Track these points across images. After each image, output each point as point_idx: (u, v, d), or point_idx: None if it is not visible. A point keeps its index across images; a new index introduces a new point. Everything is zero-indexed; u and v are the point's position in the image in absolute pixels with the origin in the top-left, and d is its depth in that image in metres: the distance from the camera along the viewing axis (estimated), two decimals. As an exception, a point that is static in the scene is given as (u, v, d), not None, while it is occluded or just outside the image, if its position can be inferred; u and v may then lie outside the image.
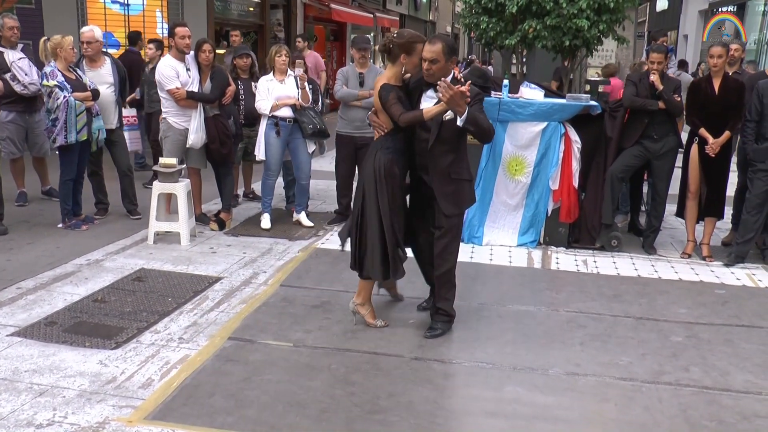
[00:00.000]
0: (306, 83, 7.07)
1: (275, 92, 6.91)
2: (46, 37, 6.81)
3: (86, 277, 5.56)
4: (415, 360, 4.32)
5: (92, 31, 7.18)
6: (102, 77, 7.12)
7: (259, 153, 7.08)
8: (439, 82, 4.13)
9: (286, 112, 6.94)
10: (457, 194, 4.51)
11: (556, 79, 13.73)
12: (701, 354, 4.56)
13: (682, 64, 14.42)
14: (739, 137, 6.84)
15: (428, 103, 4.41)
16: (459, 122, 4.19)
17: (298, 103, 6.93)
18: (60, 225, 6.88)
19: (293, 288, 5.50)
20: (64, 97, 6.50)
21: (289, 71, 7.05)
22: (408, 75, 4.59)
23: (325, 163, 9.83)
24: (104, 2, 12.05)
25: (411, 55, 4.42)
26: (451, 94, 4.07)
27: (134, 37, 10.20)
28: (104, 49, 7.63)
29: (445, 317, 4.72)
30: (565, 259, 6.53)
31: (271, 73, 7.01)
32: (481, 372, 4.23)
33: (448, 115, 4.26)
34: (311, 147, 7.18)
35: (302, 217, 7.35)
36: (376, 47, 21.69)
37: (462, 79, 4.40)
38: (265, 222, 7.12)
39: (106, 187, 7.50)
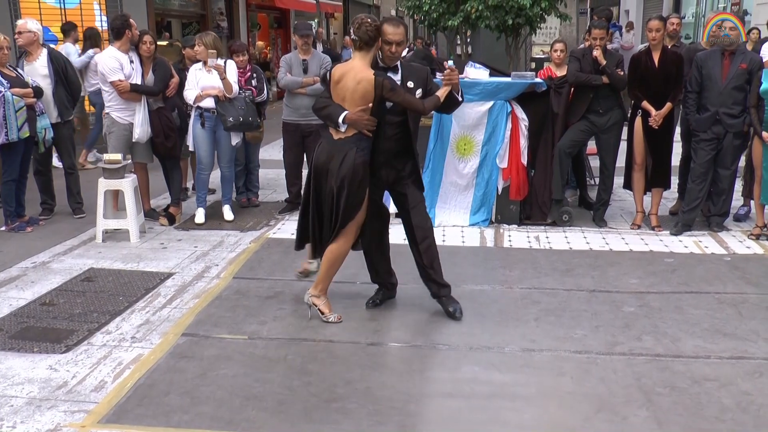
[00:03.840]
0: (226, 73, 6.68)
1: (201, 82, 6.73)
2: None
3: (32, 280, 5.41)
4: (371, 345, 4.31)
5: (25, 22, 6.97)
6: (36, 70, 6.89)
7: (191, 144, 6.97)
8: (444, 72, 4.47)
9: (209, 103, 6.74)
10: (418, 169, 4.74)
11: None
12: (653, 322, 4.64)
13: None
14: (681, 108, 6.97)
15: None
16: (459, 97, 4.57)
17: (220, 93, 6.72)
18: (2, 228, 6.67)
19: (246, 280, 5.44)
20: (0, 93, 6.28)
21: (215, 61, 6.82)
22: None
23: (275, 152, 9.72)
24: (38, -5, 11.66)
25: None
26: (455, 76, 4.46)
27: (69, 29, 9.91)
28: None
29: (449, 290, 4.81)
30: (517, 236, 6.58)
31: (202, 62, 6.84)
32: (437, 354, 4.25)
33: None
34: (236, 139, 6.95)
35: (225, 210, 7.09)
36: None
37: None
38: (199, 217, 6.96)
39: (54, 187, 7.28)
